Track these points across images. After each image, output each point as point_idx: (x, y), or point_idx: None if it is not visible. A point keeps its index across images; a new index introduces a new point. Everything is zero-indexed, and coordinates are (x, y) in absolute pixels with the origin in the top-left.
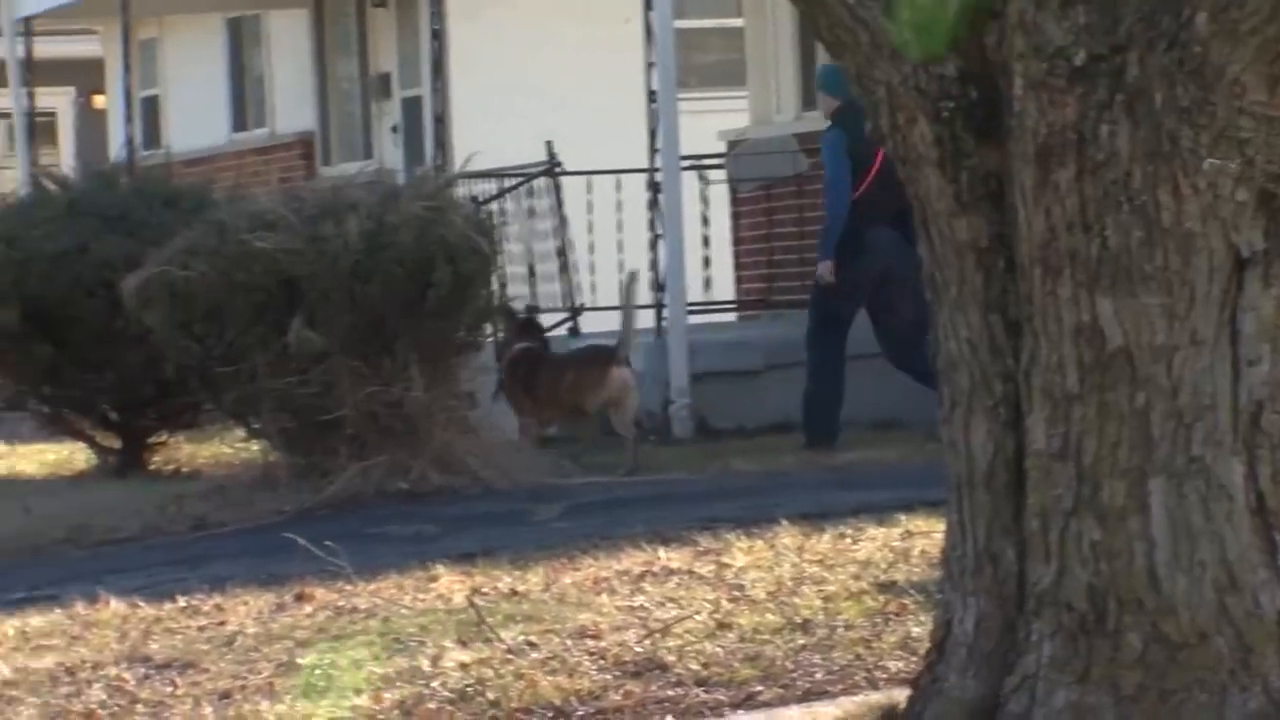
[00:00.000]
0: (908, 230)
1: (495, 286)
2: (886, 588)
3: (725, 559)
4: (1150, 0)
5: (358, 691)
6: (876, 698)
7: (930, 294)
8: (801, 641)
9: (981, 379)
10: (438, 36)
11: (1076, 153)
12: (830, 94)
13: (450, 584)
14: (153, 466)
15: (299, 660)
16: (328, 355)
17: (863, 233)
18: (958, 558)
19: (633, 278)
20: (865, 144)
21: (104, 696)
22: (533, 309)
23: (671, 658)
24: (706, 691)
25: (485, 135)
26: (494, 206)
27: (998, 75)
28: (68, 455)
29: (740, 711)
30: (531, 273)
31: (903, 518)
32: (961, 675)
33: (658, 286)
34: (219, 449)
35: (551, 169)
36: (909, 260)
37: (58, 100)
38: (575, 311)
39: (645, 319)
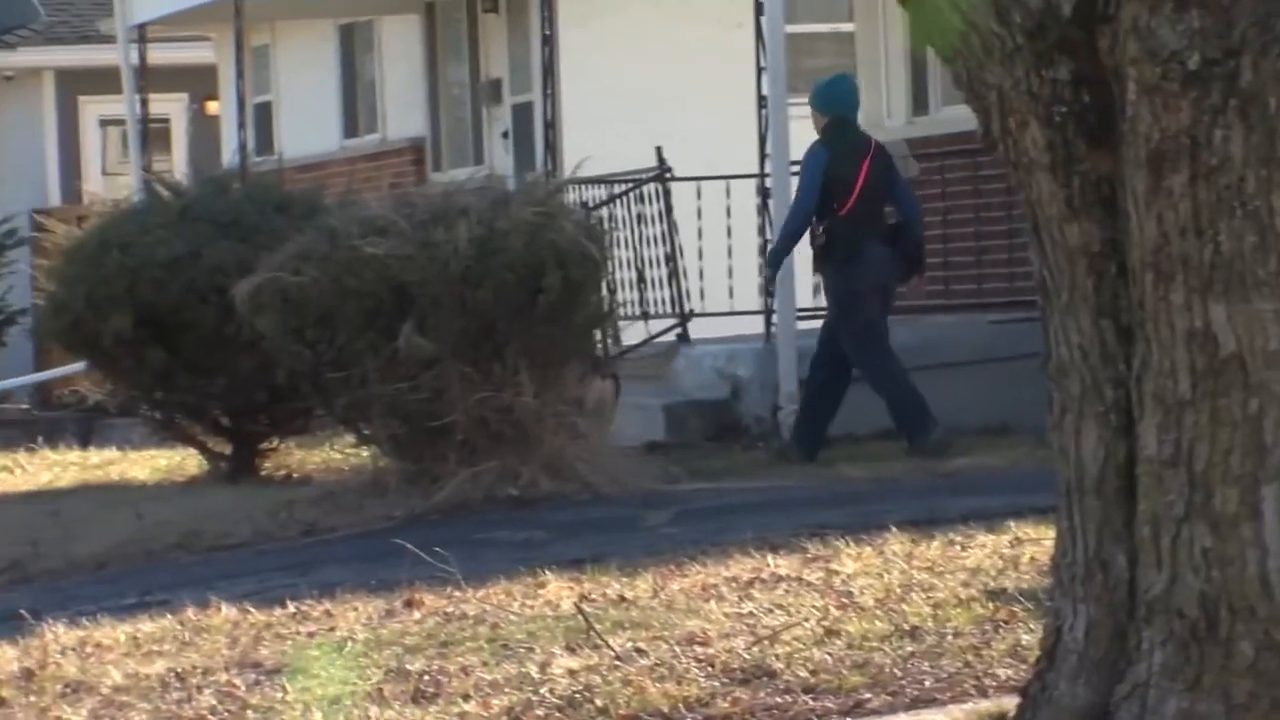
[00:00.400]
0: (897, 248)
1: (605, 292)
2: (996, 595)
3: (834, 565)
4: (1265, 4)
5: (466, 697)
6: (986, 705)
7: (1040, 299)
8: (910, 649)
9: (1092, 384)
10: (548, 42)
11: (1189, 158)
12: (820, 110)
13: (559, 590)
14: (264, 472)
15: (408, 666)
16: (438, 361)
17: (859, 245)
18: (1068, 564)
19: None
20: (848, 161)
21: (214, 702)
22: None
23: (780, 665)
24: (814, 699)
25: (595, 141)
26: (604, 212)
27: (1110, 79)
28: (179, 461)
29: (848, 719)
30: (641, 278)
31: (1012, 524)
32: (1072, 683)
33: (767, 292)
34: (329, 455)
35: (661, 174)
36: (898, 279)
37: (171, 107)
38: (684, 318)
39: (754, 325)
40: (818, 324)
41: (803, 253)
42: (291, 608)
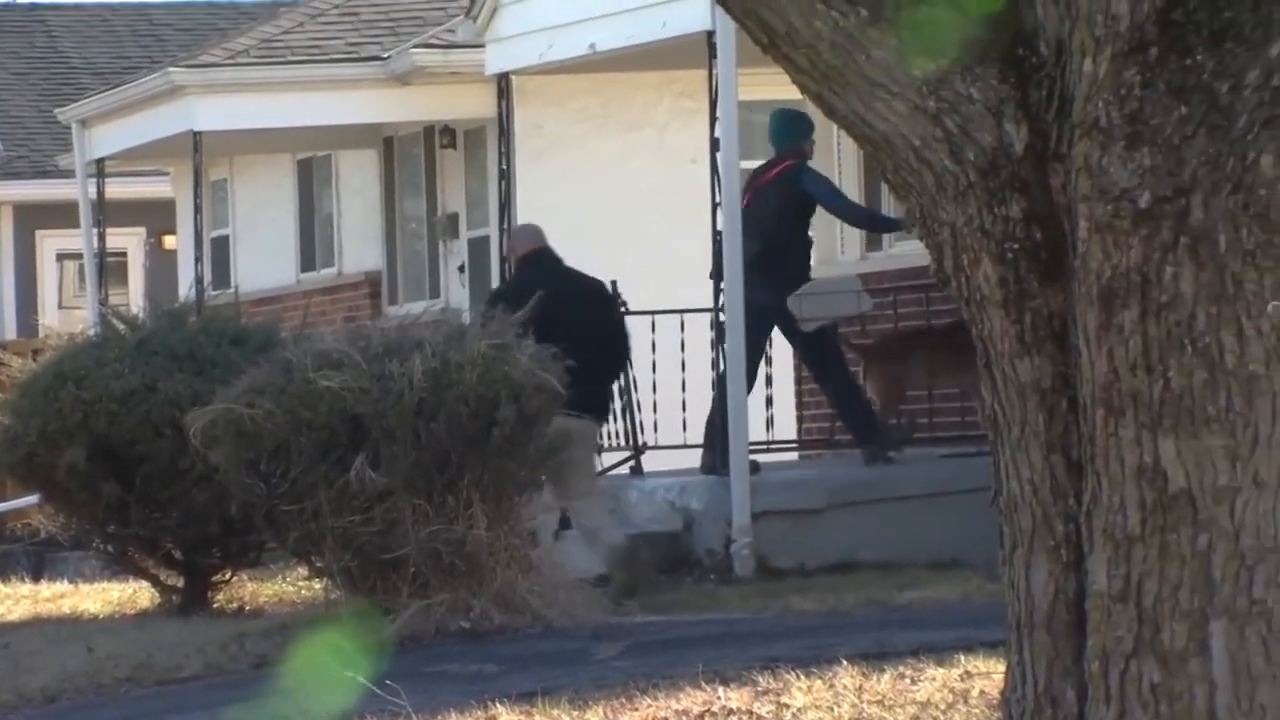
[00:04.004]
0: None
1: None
2: None
3: (784, 699)
4: (1215, 143)
5: None
6: None
7: (991, 433)
8: None
9: (1043, 519)
10: (505, 177)
11: (1140, 294)
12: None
13: None
14: (216, 605)
15: None
16: (391, 493)
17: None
18: (1017, 699)
19: None
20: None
21: None
22: None
23: None
24: None
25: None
26: None
27: (1062, 216)
28: (131, 594)
29: None
30: None
31: (962, 658)
32: None
33: (721, 426)
34: (282, 587)
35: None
36: (762, 300)
37: (128, 241)
38: (638, 450)
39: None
40: (770, 457)
41: (759, 391)
42: None
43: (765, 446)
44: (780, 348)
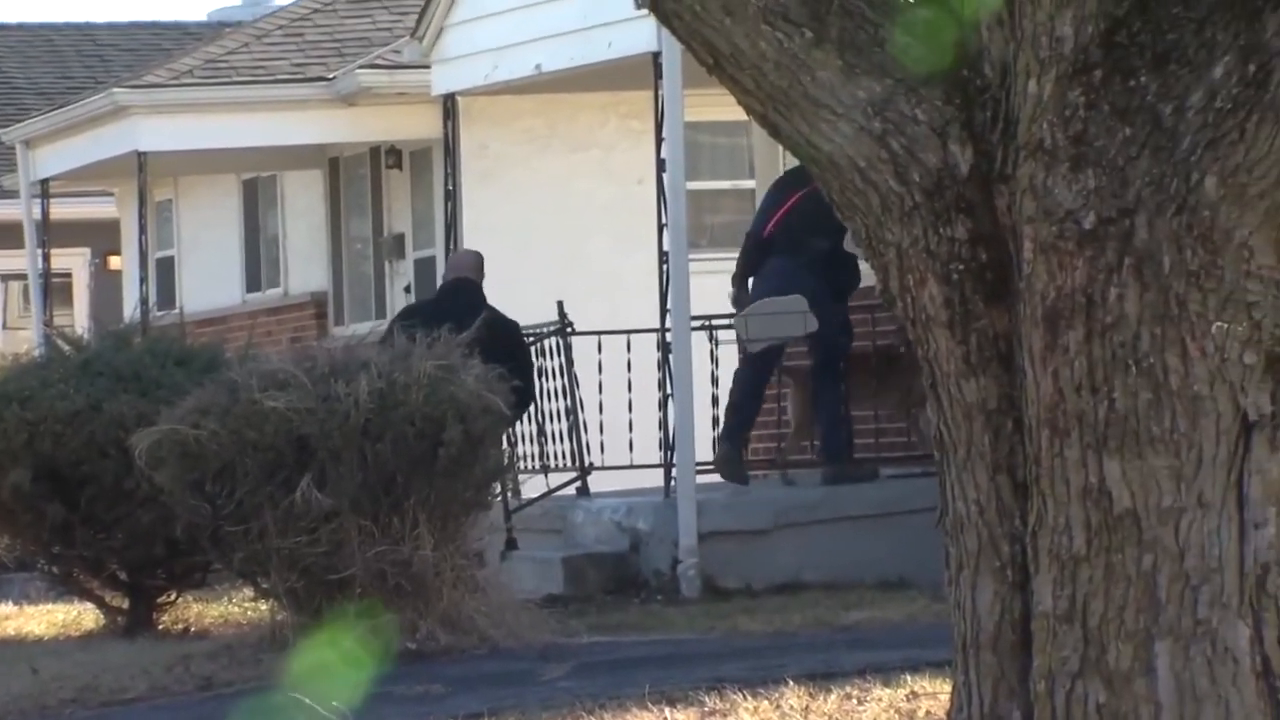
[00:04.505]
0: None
1: (505, 445)
2: None
3: (731, 719)
4: (1159, 164)
5: None
6: None
7: (937, 454)
8: None
9: (989, 540)
10: (451, 197)
11: (1085, 315)
12: None
13: None
14: (161, 626)
15: None
16: (337, 514)
17: None
18: (963, 719)
19: None
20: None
21: None
22: None
23: None
24: None
25: (498, 295)
26: None
27: (1007, 238)
28: (76, 615)
29: None
30: (541, 432)
31: (909, 678)
32: None
33: (667, 446)
34: (227, 608)
35: (563, 329)
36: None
37: (73, 261)
38: (584, 471)
39: (654, 478)
40: (717, 478)
41: (701, 403)
42: None
43: (712, 467)
44: (727, 366)
